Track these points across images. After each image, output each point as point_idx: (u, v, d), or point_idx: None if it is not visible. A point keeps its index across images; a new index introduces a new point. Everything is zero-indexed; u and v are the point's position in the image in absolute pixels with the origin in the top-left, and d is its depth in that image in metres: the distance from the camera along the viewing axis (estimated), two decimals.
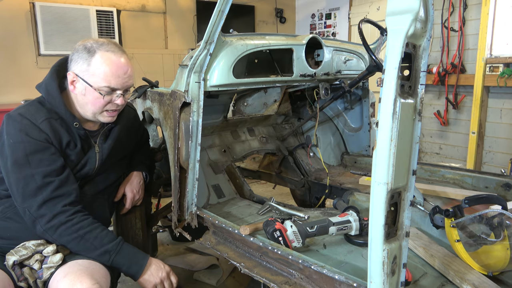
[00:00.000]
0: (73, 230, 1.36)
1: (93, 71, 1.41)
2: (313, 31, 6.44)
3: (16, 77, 4.34)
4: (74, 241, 1.36)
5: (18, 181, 1.33)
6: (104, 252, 1.38)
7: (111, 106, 1.49)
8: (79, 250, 1.39)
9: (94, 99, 1.44)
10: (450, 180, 2.11)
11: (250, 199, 2.22)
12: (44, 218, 1.33)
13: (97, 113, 1.48)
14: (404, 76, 1.01)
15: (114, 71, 1.42)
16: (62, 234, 1.35)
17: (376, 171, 1.00)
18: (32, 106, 1.44)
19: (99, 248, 1.38)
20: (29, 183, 1.33)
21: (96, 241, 1.38)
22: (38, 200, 1.33)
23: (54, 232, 1.35)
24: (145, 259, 1.46)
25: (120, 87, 1.46)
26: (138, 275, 1.43)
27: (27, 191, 1.33)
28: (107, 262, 1.39)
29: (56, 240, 1.38)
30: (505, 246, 1.32)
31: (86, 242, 1.37)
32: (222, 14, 1.63)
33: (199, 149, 1.77)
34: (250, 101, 2.73)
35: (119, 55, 1.45)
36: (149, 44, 5.28)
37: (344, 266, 1.41)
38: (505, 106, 3.88)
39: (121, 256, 1.41)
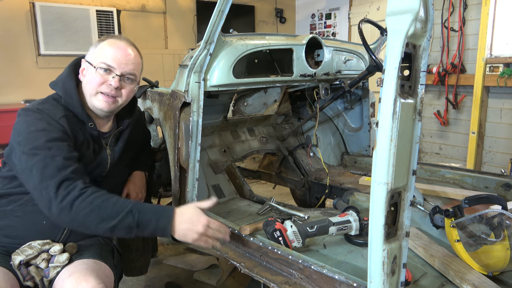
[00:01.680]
0: (88, 201, 1.26)
1: (97, 52, 1.46)
2: (313, 31, 6.44)
3: (16, 77, 4.34)
4: (92, 212, 1.26)
5: (37, 163, 1.29)
6: (126, 214, 1.27)
7: (106, 87, 1.45)
8: (100, 221, 1.27)
9: (91, 77, 1.45)
10: (450, 180, 2.11)
11: (250, 199, 2.22)
12: (58, 197, 1.25)
13: (92, 94, 1.46)
14: (404, 76, 1.01)
15: (114, 51, 1.45)
16: (78, 209, 1.25)
17: (376, 171, 1.00)
18: (48, 103, 1.44)
19: (120, 212, 1.27)
20: (49, 165, 1.29)
21: (115, 207, 1.28)
22: (57, 180, 1.27)
23: (70, 210, 1.25)
24: (170, 210, 1.34)
25: (116, 67, 1.45)
26: (169, 228, 1.30)
27: (46, 172, 1.28)
28: (134, 223, 1.27)
29: (74, 219, 1.27)
30: (505, 246, 1.32)
31: (105, 210, 1.27)
32: (222, 14, 1.63)
33: (199, 149, 1.77)
34: (250, 101, 2.73)
35: (125, 42, 1.50)
36: (149, 44, 5.28)
37: (344, 266, 1.41)
38: (505, 106, 3.88)
39: (146, 213, 1.30)
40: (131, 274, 1.98)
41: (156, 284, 2.49)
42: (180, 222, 1.33)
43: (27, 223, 1.42)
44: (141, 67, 1.55)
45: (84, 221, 1.27)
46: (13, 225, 1.42)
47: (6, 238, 1.42)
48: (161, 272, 2.63)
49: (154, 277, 2.56)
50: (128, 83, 1.50)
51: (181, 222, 1.33)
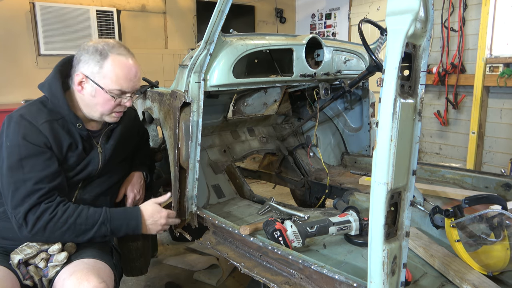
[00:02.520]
0: (62, 222, 1.35)
1: (105, 73, 1.41)
2: (313, 31, 6.45)
3: (16, 77, 4.34)
4: (68, 231, 1.37)
5: (9, 185, 1.33)
6: (100, 226, 1.42)
7: (120, 107, 1.50)
8: (76, 236, 1.40)
9: (105, 101, 1.45)
10: (450, 180, 2.11)
11: (250, 199, 2.22)
12: (28, 224, 1.32)
13: (105, 114, 1.49)
14: (404, 76, 1.01)
15: (126, 75, 1.44)
16: (53, 231, 1.35)
17: (376, 171, 1.00)
18: (34, 106, 1.44)
19: (94, 225, 1.41)
20: (19, 189, 1.32)
21: (88, 221, 1.40)
22: (25, 207, 1.32)
23: (44, 232, 1.34)
24: (137, 211, 1.54)
25: (130, 90, 1.48)
26: (140, 226, 1.51)
27: (16, 197, 1.32)
28: (108, 232, 1.44)
29: (49, 239, 1.38)
30: (505, 246, 1.32)
31: (80, 227, 1.39)
32: (222, 14, 1.63)
33: (199, 149, 1.77)
34: (250, 101, 2.73)
35: (130, 58, 1.47)
36: (149, 44, 5.28)
37: (344, 266, 1.41)
38: (505, 106, 3.88)
39: (116, 219, 1.46)
40: (131, 274, 1.98)
41: (156, 284, 2.49)
42: (146, 219, 1.55)
43: None
44: None
45: (60, 239, 1.40)
46: (9, 227, 1.41)
47: (4, 240, 1.43)
48: (161, 272, 2.63)
49: (154, 277, 2.56)
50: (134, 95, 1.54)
51: (147, 219, 1.55)
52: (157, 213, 1.58)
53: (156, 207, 1.59)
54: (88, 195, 1.55)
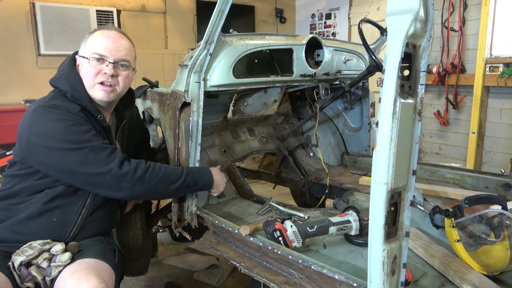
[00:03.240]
0: (156, 172, 1.48)
1: (88, 44, 1.49)
2: (313, 31, 6.45)
3: (16, 77, 4.34)
4: (161, 180, 1.49)
5: (87, 155, 1.36)
6: (186, 176, 1.57)
7: (102, 76, 1.47)
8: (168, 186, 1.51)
9: (86, 70, 1.47)
10: (450, 180, 2.11)
11: (250, 199, 2.22)
12: (128, 174, 1.40)
13: (90, 86, 1.48)
14: (404, 76, 1.02)
15: (104, 40, 1.48)
16: (150, 180, 1.45)
17: (376, 171, 1.00)
18: (57, 99, 1.45)
19: (181, 175, 1.55)
20: (99, 153, 1.38)
21: (175, 172, 1.55)
22: (116, 162, 1.39)
23: (143, 181, 1.44)
24: (208, 168, 1.73)
25: (108, 54, 1.47)
26: (213, 181, 1.70)
27: (100, 158, 1.37)
28: (191, 182, 1.59)
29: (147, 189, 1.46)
30: (505, 246, 1.32)
31: (170, 177, 1.52)
32: (222, 14, 1.63)
33: (199, 149, 1.77)
34: (250, 101, 2.73)
35: (115, 31, 1.52)
36: (149, 44, 5.28)
37: (344, 266, 1.41)
38: (505, 106, 3.88)
39: (196, 172, 1.64)
40: (131, 274, 1.98)
41: (156, 284, 2.49)
42: (215, 175, 1.72)
43: (38, 220, 1.42)
44: (134, 53, 1.57)
45: (155, 188, 1.49)
46: (24, 222, 1.42)
47: (15, 234, 1.42)
48: (161, 272, 2.63)
49: (154, 277, 2.56)
50: (123, 70, 1.52)
51: (215, 175, 1.73)
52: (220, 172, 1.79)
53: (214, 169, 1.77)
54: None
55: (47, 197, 1.42)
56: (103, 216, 1.55)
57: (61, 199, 1.44)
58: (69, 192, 1.44)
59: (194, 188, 1.64)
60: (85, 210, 1.48)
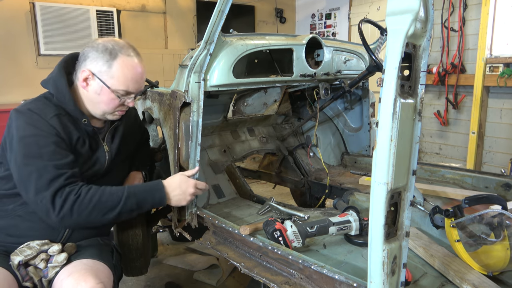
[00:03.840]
0: (87, 201, 1.34)
1: (113, 73, 1.42)
2: (313, 31, 6.44)
3: (16, 77, 4.34)
4: (94, 210, 1.35)
5: (30, 174, 1.32)
6: (126, 200, 1.40)
7: (123, 107, 1.51)
8: (103, 215, 1.38)
9: (109, 100, 1.45)
10: (450, 180, 2.11)
11: (250, 199, 2.22)
12: (56, 208, 1.31)
13: (107, 113, 1.49)
14: (404, 76, 1.01)
15: (133, 76, 1.45)
16: (79, 210, 1.33)
17: (376, 171, 1.00)
18: (39, 102, 1.43)
19: (119, 200, 1.40)
20: (42, 175, 1.31)
21: (113, 197, 1.39)
22: (51, 190, 1.31)
23: (71, 214, 1.32)
24: (159, 183, 1.53)
25: (135, 91, 1.49)
26: (165, 198, 1.51)
27: (40, 183, 1.31)
28: (134, 206, 1.42)
29: (78, 220, 1.35)
30: (505, 246, 1.32)
31: (106, 204, 1.38)
32: (222, 14, 1.63)
33: (199, 149, 1.77)
34: (250, 101, 2.73)
35: (138, 59, 1.48)
36: (149, 44, 5.28)
37: (344, 266, 1.41)
38: (505, 106, 3.88)
39: (140, 193, 1.46)
40: (131, 274, 1.98)
41: (156, 284, 2.49)
42: (171, 190, 1.53)
43: (29, 222, 1.42)
44: None
45: (87, 219, 1.36)
46: (15, 224, 1.42)
47: (9, 237, 1.42)
48: (161, 272, 2.63)
49: (154, 277, 2.56)
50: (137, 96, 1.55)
51: (173, 190, 1.53)
52: (185, 183, 1.57)
53: (183, 177, 1.59)
54: None
55: None
56: None
57: None
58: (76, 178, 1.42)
59: (140, 210, 1.47)
60: None
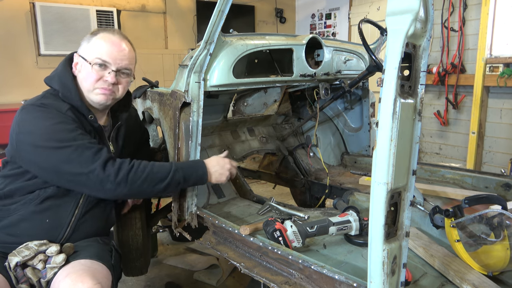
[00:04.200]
0: (140, 172, 1.42)
1: (90, 47, 1.47)
2: (313, 31, 6.44)
3: (16, 77, 4.34)
4: (146, 180, 1.42)
5: (70, 154, 1.34)
6: (174, 173, 1.49)
7: (103, 83, 1.48)
8: (154, 185, 1.45)
9: (87, 73, 1.46)
10: (450, 180, 2.11)
11: (250, 199, 2.22)
12: (111, 175, 1.36)
13: (89, 90, 1.48)
14: (404, 76, 1.01)
15: (108, 47, 1.47)
16: (134, 180, 1.40)
17: (376, 171, 1.00)
18: (48, 98, 1.44)
19: (168, 173, 1.48)
20: (84, 152, 1.35)
21: (162, 169, 1.48)
22: (99, 162, 1.35)
23: (126, 182, 1.39)
24: (201, 161, 1.63)
25: (111, 62, 1.47)
26: (207, 174, 1.60)
27: (84, 157, 1.35)
28: (181, 179, 1.51)
29: (131, 190, 1.41)
30: (505, 246, 1.32)
31: (156, 175, 1.45)
32: (222, 14, 1.63)
33: (199, 149, 1.77)
34: (250, 101, 2.73)
35: (120, 37, 1.51)
36: (149, 44, 5.28)
37: (344, 266, 1.41)
38: (505, 106, 3.88)
39: (186, 168, 1.55)
40: (131, 274, 1.98)
41: (156, 284, 2.49)
42: (211, 166, 1.63)
43: (31, 222, 1.42)
44: (135, 61, 1.57)
45: (140, 188, 1.43)
46: (17, 223, 1.42)
47: (9, 237, 1.42)
48: (161, 272, 2.63)
49: (154, 277, 2.56)
50: (124, 77, 1.53)
51: (213, 166, 1.63)
52: (222, 160, 1.68)
53: (218, 157, 1.70)
54: None
55: (39, 198, 1.41)
56: (97, 216, 1.55)
57: (53, 200, 1.43)
58: (61, 193, 1.44)
59: (185, 184, 1.57)
60: (78, 210, 1.47)
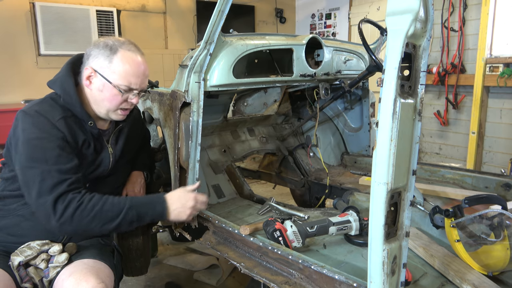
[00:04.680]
0: (89, 209, 1.33)
1: (114, 68, 1.42)
2: (313, 31, 6.44)
3: (16, 77, 4.34)
4: (95, 219, 1.34)
5: (34, 177, 1.31)
6: (127, 212, 1.39)
7: (126, 104, 1.49)
8: (103, 224, 1.37)
9: (112, 96, 1.44)
10: (450, 180, 2.11)
11: (250, 199, 2.22)
12: (57, 213, 1.30)
13: (111, 110, 1.48)
14: (404, 76, 1.02)
15: (135, 71, 1.44)
16: (80, 218, 1.32)
17: (376, 171, 1.00)
18: (46, 103, 1.43)
19: (120, 212, 1.38)
20: (46, 179, 1.31)
21: (114, 208, 1.38)
22: (54, 195, 1.30)
23: (71, 221, 1.31)
24: (161, 196, 1.50)
25: (138, 87, 1.47)
26: (166, 211, 1.47)
27: (44, 187, 1.31)
28: (134, 218, 1.40)
29: (77, 228, 1.34)
30: (505, 246, 1.32)
31: (107, 214, 1.36)
32: (222, 14, 1.63)
33: (199, 149, 1.77)
34: (250, 101, 2.73)
35: (139, 55, 1.47)
36: (149, 44, 5.28)
37: (344, 266, 1.41)
38: (505, 106, 3.88)
39: (141, 205, 1.44)
40: (131, 274, 1.98)
41: (156, 284, 2.49)
42: (171, 204, 1.49)
43: (31, 222, 1.42)
44: None
45: (87, 227, 1.35)
46: (17, 223, 1.42)
47: (10, 237, 1.42)
48: (161, 272, 2.63)
49: (154, 277, 2.56)
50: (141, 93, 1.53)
51: (173, 204, 1.49)
52: (184, 196, 1.53)
53: (183, 191, 1.57)
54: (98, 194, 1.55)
55: None
56: None
57: None
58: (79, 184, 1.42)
59: (140, 222, 1.45)
60: None
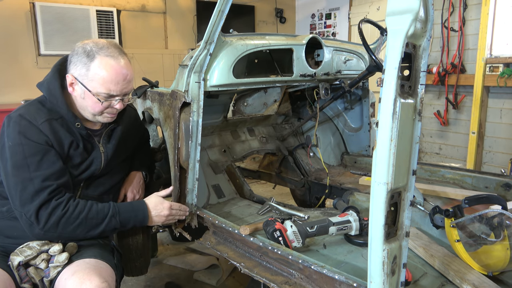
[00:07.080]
0: (74, 217, 1.37)
1: (92, 76, 1.39)
2: (313, 31, 6.45)
3: (16, 77, 4.34)
4: (80, 226, 1.38)
5: (16, 185, 1.32)
6: (110, 219, 1.44)
7: (111, 110, 1.49)
8: (88, 231, 1.41)
9: (93, 103, 1.44)
10: (450, 180, 2.11)
11: (250, 199, 2.22)
12: (41, 221, 1.32)
13: (96, 115, 1.48)
14: (404, 76, 1.01)
15: (113, 78, 1.40)
16: (66, 226, 1.36)
17: (376, 171, 1.00)
18: (33, 106, 1.43)
19: (104, 219, 1.43)
20: (27, 187, 1.32)
21: (99, 215, 1.43)
22: (35, 204, 1.31)
23: (57, 229, 1.35)
24: (143, 204, 1.58)
25: (119, 93, 1.45)
26: (147, 218, 1.56)
27: (25, 195, 1.32)
28: (118, 225, 1.47)
29: (62, 235, 1.38)
30: (505, 246, 1.32)
31: (91, 221, 1.41)
32: (222, 14, 1.63)
33: (199, 149, 1.77)
34: (250, 101, 2.73)
35: (119, 59, 1.42)
36: (149, 44, 5.28)
37: (344, 266, 1.41)
38: (505, 106, 3.88)
39: (124, 212, 1.49)
40: (131, 274, 1.98)
41: (156, 284, 2.49)
42: (150, 210, 1.58)
43: None
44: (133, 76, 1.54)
45: (71, 234, 1.40)
46: (13, 225, 1.42)
47: (7, 239, 1.42)
48: (161, 272, 2.63)
49: (154, 277, 2.56)
50: (127, 96, 1.52)
51: (151, 210, 1.58)
52: (160, 205, 1.61)
53: (159, 199, 1.63)
54: (91, 194, 1.56)
55: None
56: None
57: None
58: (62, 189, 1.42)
59: (123, 228, 1.52)
60: None
